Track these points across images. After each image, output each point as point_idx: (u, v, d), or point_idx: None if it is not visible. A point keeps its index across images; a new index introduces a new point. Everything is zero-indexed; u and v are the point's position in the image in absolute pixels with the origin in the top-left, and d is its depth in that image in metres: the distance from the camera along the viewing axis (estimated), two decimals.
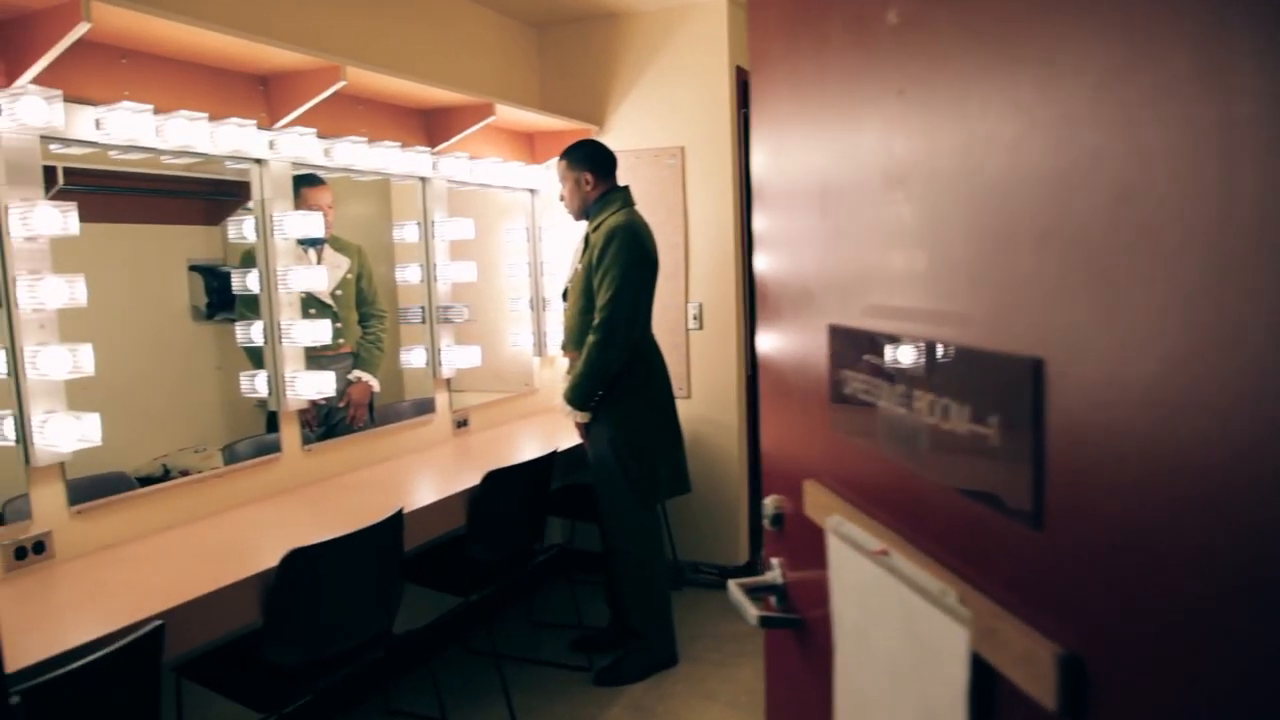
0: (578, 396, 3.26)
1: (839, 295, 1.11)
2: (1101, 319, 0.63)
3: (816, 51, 1.11)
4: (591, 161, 3.40)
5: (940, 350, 0.84)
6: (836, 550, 1.06)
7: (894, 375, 0.93)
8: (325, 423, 3.25)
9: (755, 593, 1.36)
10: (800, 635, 1.27)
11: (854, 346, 1.05)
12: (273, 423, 3.05)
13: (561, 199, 3.47)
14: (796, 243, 1.25)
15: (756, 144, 1.35)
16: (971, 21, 0.77)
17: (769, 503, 1.37)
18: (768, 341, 1.40)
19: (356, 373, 3.38)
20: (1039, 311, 0.70)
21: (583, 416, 3.29)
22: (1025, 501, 0.71)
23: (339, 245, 3.37)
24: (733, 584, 1.35)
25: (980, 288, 0.78)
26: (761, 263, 1.39)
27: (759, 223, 1.38)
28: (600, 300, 3.21)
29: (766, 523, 1.39)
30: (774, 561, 1.37)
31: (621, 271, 3.21)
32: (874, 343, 0.99)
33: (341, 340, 3.28)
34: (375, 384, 3.46)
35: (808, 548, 1.21)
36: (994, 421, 0.75)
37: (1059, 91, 0.66)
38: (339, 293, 3.33)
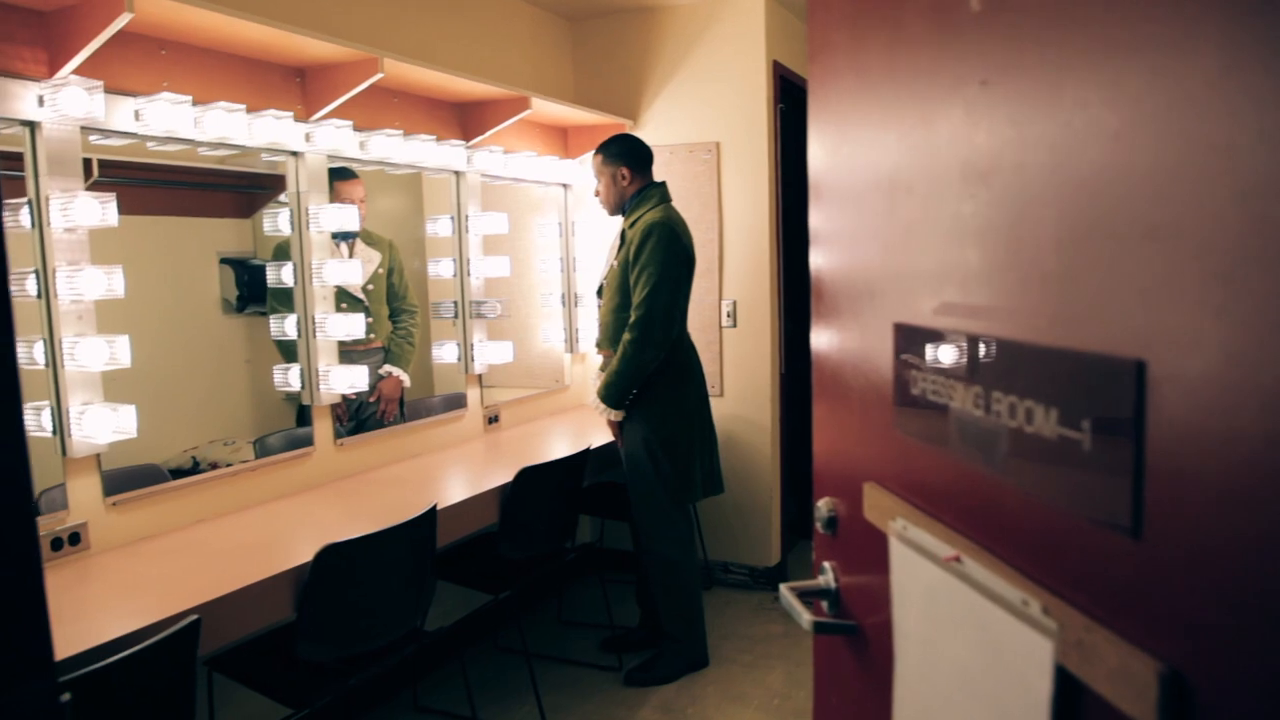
0: (612, 395, 3.25)
1: (907, 293, 1.08)
2: (1213, 319, 0.61)
3: (888, 41, 1.08)
4: (629, 156, 3.38)
5: (1024, 351, 0.82)
6: (900, 555, 1.03)
7: (970, 376, 0.91)
8: (355, 417, 3.25)
9: (806, 597, 1.33)
10: (854, 642, 1.24)
11: (924, 345, 1.02)
12: (303, 417, 3.05)
13: (597, 194, 3.45)
14: (859, 239, 1.23)
15: (815, 138, 1.33)
16: (1067, 6, 0.75)
17: (822, 505, 1.35)
18: (823, 339, 1.38)
19: (387, 367, 3.38)
20: (1141, 311, 0.67)
21: (617, 415, 3.27)
22: (1122, 510, 0.69)
23: (370, 239, 3.38)
24: (784, 588, 1.33)
25: (1072, 286, 0.75)
26: (818, 259, 1.36)
27: (816, 219, 1.36)
28: (636, 297, 3.19)
29: (819, 526, 1.36)
30: (826, 565, 1.35)
31: (659, 269, 3.19)
32: (947, 342, 0.96)
33: (373, 335, 3.28)
34: (406, 379, 3.46)
35: (866, 552, 1.19)
36: (1086, 426, 0.72)
37: (1172, 79, 0.63)
38: (370, 287, 3.32)
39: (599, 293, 3.48)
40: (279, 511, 2.78)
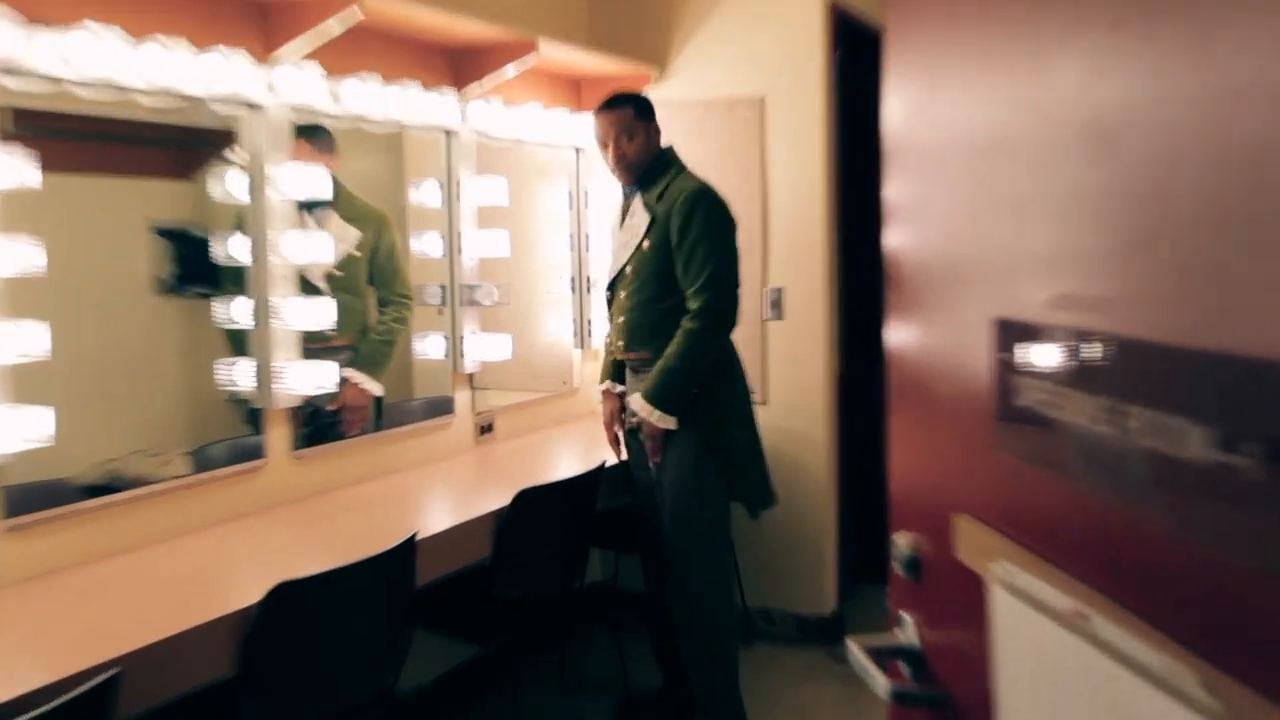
0: (670, 396, 3.24)
1: (1011, 281, 1.08)
2: None
3: None
4: (653, 113, 3.42)
5: (1170, 354, 0.80)
6: (1005, 608, 1.02)
7: (1096, 385, 0.90)
8: (311, 424, 3.24)
9: (881, 656, 1.32)
10: (944, 717, 1.23)
11: (1033, 346, 1.01)
12: (253, 422, 3.05)
13: (619, 157, 3.41)
14: (948, 214, 1.22)
15: (894, 93, 1.32)
16: None
17: (902, 542, 1.35)
18: (901, 336, 1.38)
19: (349, 371, 3.35)
20: None
21: (671, 422, 3.26)
22: None
23: (354, 213, 3.37)
24: (854, 644, 1.32)
25: (1232, 274, 0.74)
26: (895, 238, 1.36)
27: (893, 189, 1.35)
28: (694, 280, 3.22)
29: (897, 567, 1.36)
30: (906, 618, 1.34)
31: (722, 241, 3.26)
32: (1065, 342, 0.95)
33: (333, 331, 3.25)
34: (376, 388, 3.44)
35: (958, 602, 1.18)
36: (1254, 450, 0.71)
37: None
38: (339, 272, 3.32)
39: (611, 287, 3.48)
40: (220, 540, 2.78)
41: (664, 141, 3.48)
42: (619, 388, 3.54)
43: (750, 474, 3.39)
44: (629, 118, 3.40)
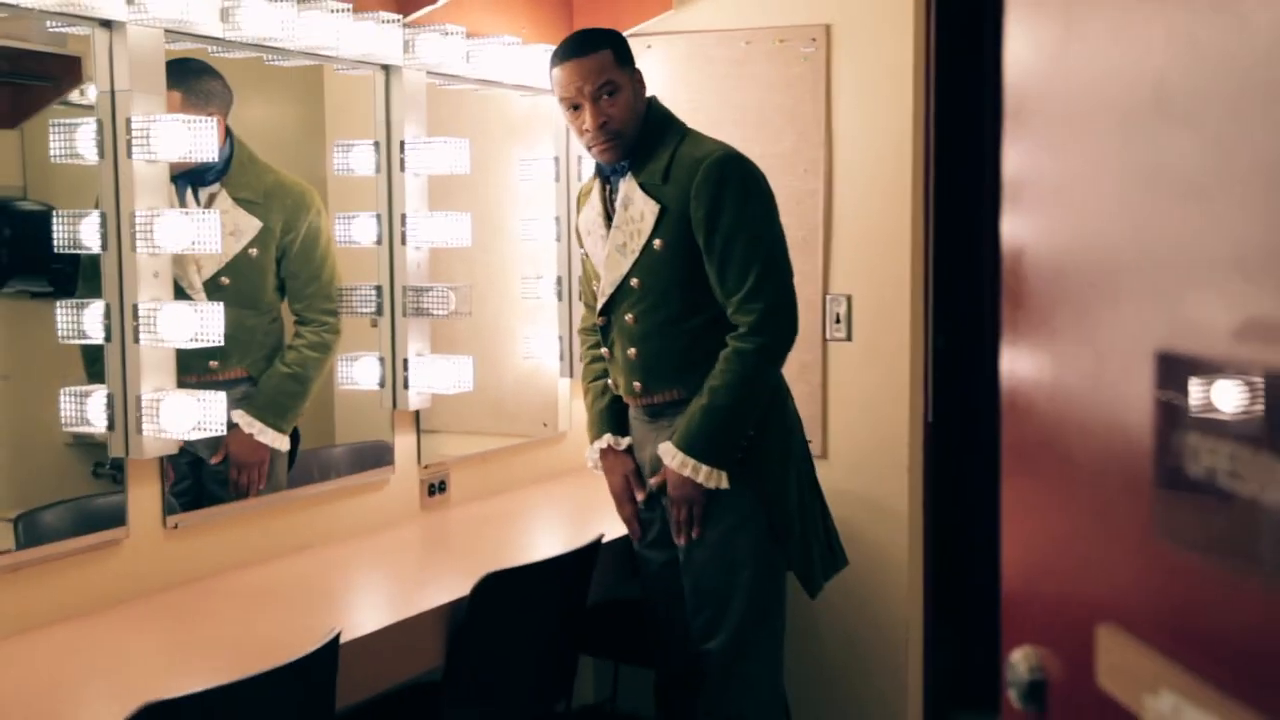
0: (720, 442, 3.19)
1: (1182, 296, 1.08)
2: None
3: None
4: (632, 55, 3.38)
5: None
6: None
7: None
8: (189, 480, 3.24)
9: None
10: None
11: (1213, 390, 1.01)
12: (109, 477, 3.03)
13: (601, 124, 3.37)
14: (1093, 200, 1.22)
15: (1018, 26, 1.32)
16: None
17: (1020, 661, 1.34)
18: (1022, 370, 1.38)
19: (240, 415, 3.33)
20: None
21: (722, 479, 3.23)
22: None
23: (252, 191, 3.35)
24: None
25: None
26: (1018, 231, 1.36)
27: (1016, 163, 1.35)
28: (738, 283, 3.15)
29: (1012, 695, 1.36)
30: None
31: (766, 226, 3.23)
32: (1259, 385, 0.95)
33: (214, 361, 3.24)
34: (276, 440, 3.41)
35: None
36: None
37: None
38: (224, 280, 3.30)
39: (605, 310, 3.43)
40: (60, 645, 2.76)
41: (711, 82, 3.47)
42: (625, 442, 3.51)
43: (810, 536, 3.39)
44: (608, 64, 3.33)
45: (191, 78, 3.18)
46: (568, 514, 3.90)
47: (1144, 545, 1.12)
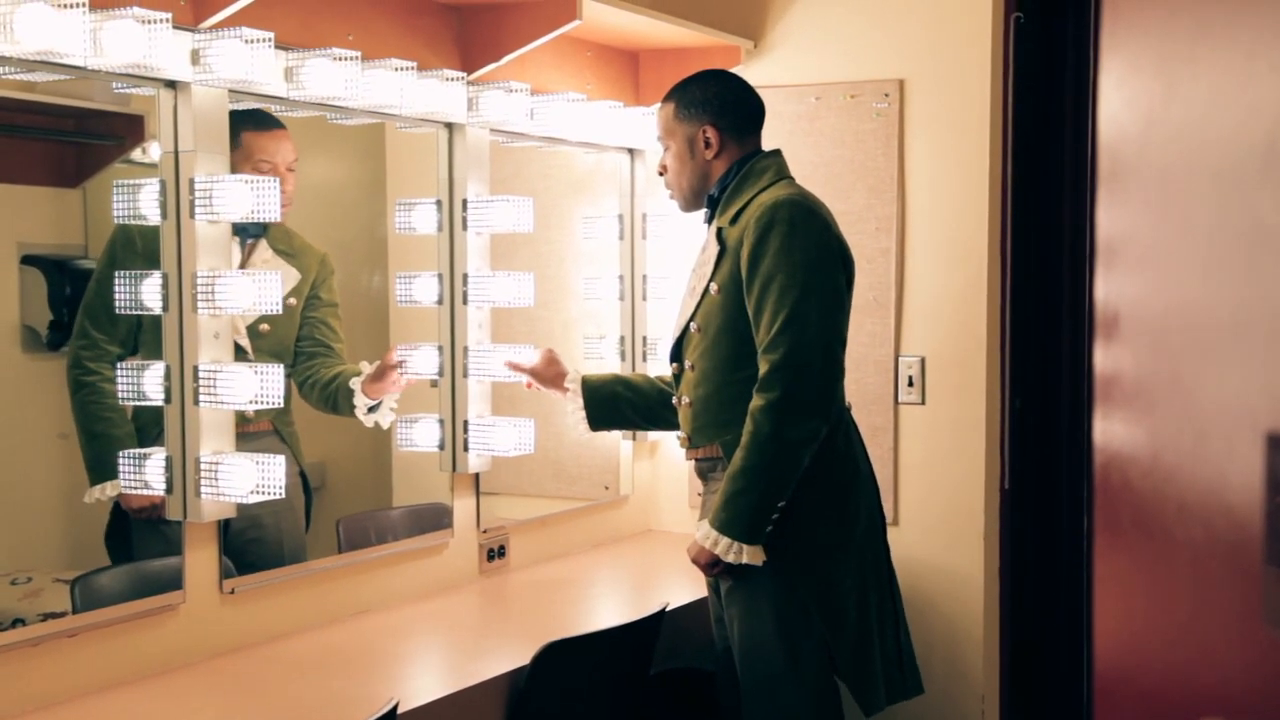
0: (739, 513, 3.07)
1: None
2: None
3: None
4: (719, 106, 3.31)
5: None
6: None
7: None
8: (241, 543, 3.25)
9: None
10: None
11: None
12: (161, 540, 3.02)
13: (662, 172, 3.40)
14: (1198, 262, 1.19)
15: (1115, 83, 1.30)
16: None
17: None
18: (1114, 441, 1.35)
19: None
20: None
21: (755, 555, 3.13)
22: None
23: (292, 248, 3.37)
24: None
25: None
26: (1114, 293, 1.33)
27: (1111, 221, 1.33)
28: (766, 330, 3.07)
29: None
30: None
31: (803, 274, 3.04)
32: None
33: (252, 413, 3.24)
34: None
35: None
36: None
37: None
38: (264, 327, 3.32)
39: (675, 352, 3.40)
40: (117, 711, 2.75)
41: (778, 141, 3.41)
42: (576, 379, 3.59)
43: (872, 643, 3.26)
44: (667, 117, 3.31)
45: (260, 123, 3.25)
46: (630, 581, 3.87)
47: (1252, 632, 1.08)
